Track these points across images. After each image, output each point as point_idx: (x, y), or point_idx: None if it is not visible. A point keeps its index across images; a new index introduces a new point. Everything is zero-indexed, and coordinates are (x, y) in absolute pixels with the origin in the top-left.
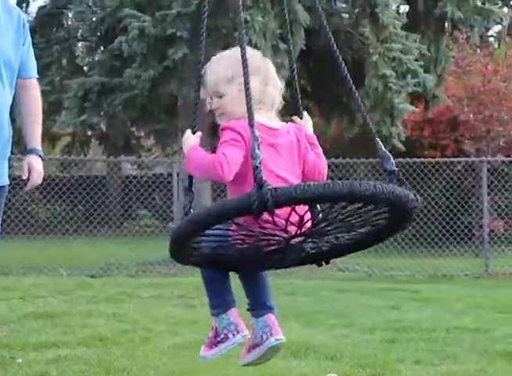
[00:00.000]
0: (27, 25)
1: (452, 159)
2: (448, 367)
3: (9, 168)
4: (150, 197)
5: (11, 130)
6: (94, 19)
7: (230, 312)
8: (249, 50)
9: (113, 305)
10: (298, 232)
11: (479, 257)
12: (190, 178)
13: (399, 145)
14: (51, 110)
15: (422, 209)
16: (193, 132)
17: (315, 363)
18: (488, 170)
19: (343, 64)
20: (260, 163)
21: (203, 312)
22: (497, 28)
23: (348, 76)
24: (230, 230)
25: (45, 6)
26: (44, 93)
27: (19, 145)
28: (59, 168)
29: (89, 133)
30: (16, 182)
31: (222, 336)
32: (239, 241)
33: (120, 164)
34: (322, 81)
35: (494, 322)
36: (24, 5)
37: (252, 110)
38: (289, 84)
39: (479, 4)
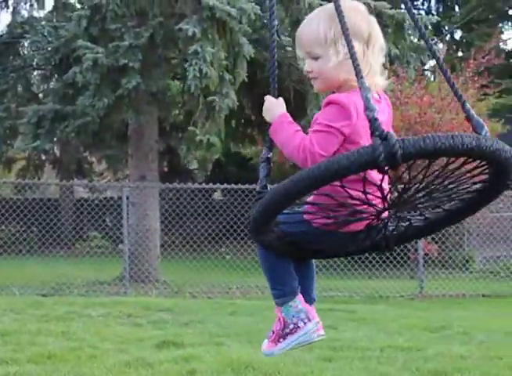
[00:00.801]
0: None
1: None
2: None
3: None
4: (101, 220)
5: None
6: (49, 48)
7: (298, 299)
8: (353, 5)
9: (62, 324)
10: (389, 202)
11: (414, 279)
12: (271, 141)
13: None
14: (6, 135)
15: None
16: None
17: None
18: None
19: None
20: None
21: (150, 331)
22: (432, 62)
23: None
24: (313, 205)
25: (2, 35)
26: (0, 119)
27: None
28: (14, 190)
29: (43, 158)
30: None
31: (292, 326)
32: (322, 218)
33: (73, 187)
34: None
35: (427, 341)
36: None
37: (359, 68)
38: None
39: (415, 41)
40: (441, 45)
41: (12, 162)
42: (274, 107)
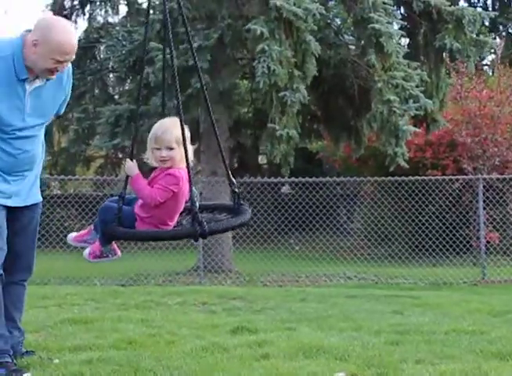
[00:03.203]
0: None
1: (451, 177)
2: (446, 366)
3: (48, 187)
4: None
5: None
6: (123, 52)
7: (112, 244)
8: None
9: (141, 312)
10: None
11: (476, 266)
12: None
13: (403, 163)
14: (85, 134)
15: (424, 223)
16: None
17: (325, 362)
18: (484, 187)
19: None
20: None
21: (224, 318)
22: (491, 57)
23: None
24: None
25: (79, 41)
26: (78, 120)
27: (57, 166)
28: (93, 187)
29: (120, 156)
30: (54, 200)
31: (105, 255)
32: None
33: None
34: (331, 107)
35: (490, 325)
36: None
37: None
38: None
39: (474, 36)
40: (498, 40)
41: (91, 160)
42: (133, 168)
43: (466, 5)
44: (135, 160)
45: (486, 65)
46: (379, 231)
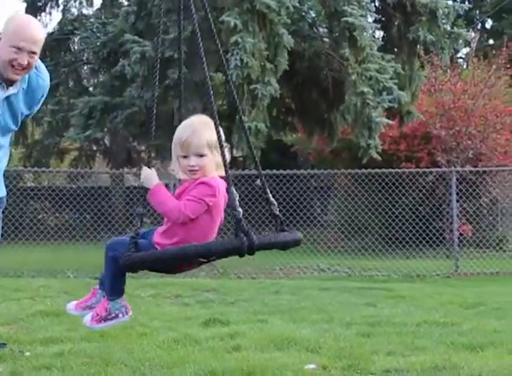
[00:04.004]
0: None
1: (425, 169)
2: (417, 358)
3: (21, 179)
4: (150, 206)
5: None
6: (98, 43)
7: (123, 298)
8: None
9: None
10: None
11: (449, 258)
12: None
13: (376, 155)
14: (59, 126)
15: (398, 215)
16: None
17: (296, 354)
18: (458, 179)
19: None
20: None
21: (197, 310)
22: (465, 50)
23: None
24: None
25: (53, 32)
26: (52, 112)
27: (31, 158)
28: (67, 179)
29: (94, 148)
30: (28, 192)
31: (113, 315)
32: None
33: (123, 175)
34: (304, 99)
35: (461, 317)
36: None
37: (229, 174)
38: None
39: (448, 28)
40: (473, 34)
41: (65, 153)
42: (151, 177)
43: None
44: (153, 168)
45: (461, 58)
46: (353, 223)
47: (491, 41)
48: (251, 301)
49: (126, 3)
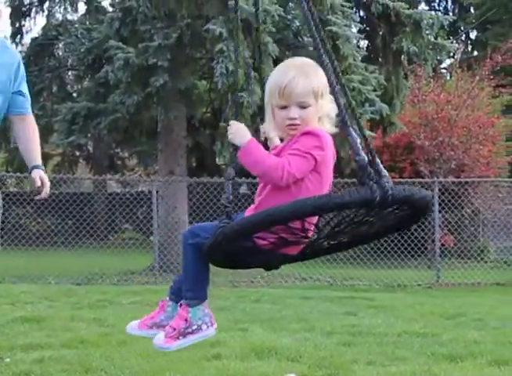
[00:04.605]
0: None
1: (407, 179)
2: (397, 368)
3: (4, 184)
4: (132, 213)
5: None
6: (82, 49)
7: (206, 304)
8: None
9: (94, 311)
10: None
11: (431, 269)
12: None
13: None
14: (42, 132)
15: None
16: None
17: (276, 363)
18: (440, 190)
19: None
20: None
21: None
22: (449, 61)
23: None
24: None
25: (38, 37)
26: (36, 117)
27: (13, 163)
28: (50, 185)
29: (77, 154)
30: (10, 197)
31: (195, 327)
32: (266, 242)
33: (106, 182)
34: None
35: (441, 328)
36: (19, 36)
37: (347, 118)
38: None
39: (432, 39)
40: (456, 45)
41: (48, 158)
42: (242, 132)
43: (426, 8)
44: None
45: (444, 69)
46: None
47: (475, 53)
48: (232, 310)
49: (111, 9)
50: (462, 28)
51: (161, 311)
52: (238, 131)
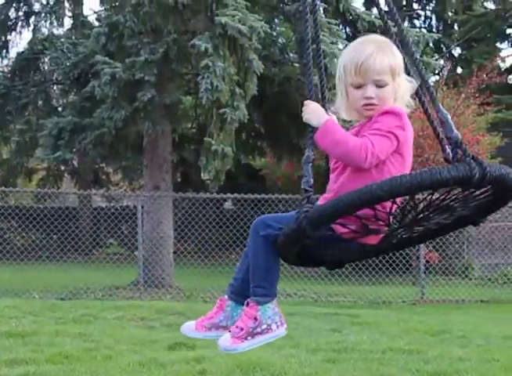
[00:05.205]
0: None
1: None
2: None
3: None
4: (117, 227)
5: None
6: (68, 64)
7: (276, 302)
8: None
9: (79, 326)
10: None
11: (415, 285)
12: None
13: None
14: (27, 146)
15: None
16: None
17: None
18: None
19: None
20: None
21: (163, 333)
22: (434, 78)
23: None
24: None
25: (23, 52)
26: (21, 131)
27: None
28: (35, 199)
29: (62, 168)
30: None
31: (265, 326)
32: (346, 230)
33: (91, 196)
34: (274, 124)
35: (427, 344)
36: (4, 50)
37: (435, 96)
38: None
39: (417, 57)
40: (442, 61)
41: (33, 172)
42: (319, 111)
43: (410, 26)
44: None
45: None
46: None
47: (459, 70)
48: None
49: (97, 24)
50: (446, 46)
51: (220, 311)
52: (314, 112)
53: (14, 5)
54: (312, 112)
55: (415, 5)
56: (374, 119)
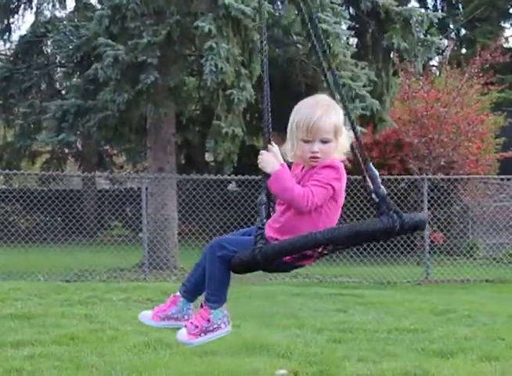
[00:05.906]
0: None
1: (397, 176)
2: (388, 364)
3: None
4: (121, 209)
5: None
6: (71, 47)
7: (225, 306)
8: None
9: (85, 308)
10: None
11: (420, 265)
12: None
13: (346, 162)
14: (31, 129)
15: None
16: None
17: (267, 360)
18: (429, 187)
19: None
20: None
21: None
22: (438, 58)
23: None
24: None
25: (26, 35)
26: (24, 114)
27: (2, 160)
28: (39, 182)
29: (66, 151)
30: None
31: (215, 326)
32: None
33: (95, 179)
34: (277, 105)
35: (431, 324)
36: (7, 33)
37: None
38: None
39: (422, 36)
40: (446, 41)
41: (37, 155)
42: (272, 160)
43: (417, 5)
44: (276, 146)
45: (434, 66)
46: None
47: (463, 50)
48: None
49: (99, 6)
50: (451, 25)
51: (173, 305)
52: (268, 161)
53: None
54: (267, 161)
55: None
56: (316, 170)
